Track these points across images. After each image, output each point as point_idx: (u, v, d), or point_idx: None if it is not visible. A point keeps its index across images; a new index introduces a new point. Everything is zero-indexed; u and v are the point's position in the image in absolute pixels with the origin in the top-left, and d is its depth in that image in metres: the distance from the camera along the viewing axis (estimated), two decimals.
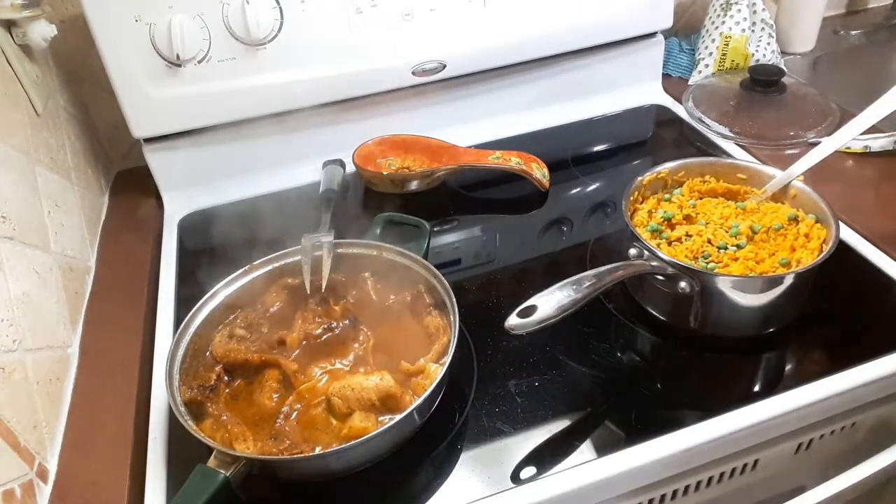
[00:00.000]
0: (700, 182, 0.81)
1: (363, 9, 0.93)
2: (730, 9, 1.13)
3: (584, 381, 0.69)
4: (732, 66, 1.15)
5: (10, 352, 0.60)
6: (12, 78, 0.79)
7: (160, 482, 0.63)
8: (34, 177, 0.76)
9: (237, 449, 0.59)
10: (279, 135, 1.00)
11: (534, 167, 0.96)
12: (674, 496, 0.66)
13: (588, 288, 0.61)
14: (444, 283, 0.69)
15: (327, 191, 0.94)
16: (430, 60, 0.99)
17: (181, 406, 0.61)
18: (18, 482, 0.56)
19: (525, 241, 0.89)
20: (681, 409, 0.66)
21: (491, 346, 0.72)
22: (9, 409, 0.57)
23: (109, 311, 0.81)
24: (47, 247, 0.74)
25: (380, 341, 0.70)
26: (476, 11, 0.99)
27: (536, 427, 0.64)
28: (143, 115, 0.92)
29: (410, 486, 0.61)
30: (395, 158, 1.01)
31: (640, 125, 1.12)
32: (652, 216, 0.77)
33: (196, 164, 0.99)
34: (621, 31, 1.09)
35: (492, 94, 1.08)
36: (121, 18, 0.85)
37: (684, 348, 0.72)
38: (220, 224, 0.95)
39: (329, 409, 0.63)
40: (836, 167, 0.93)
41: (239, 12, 0.88)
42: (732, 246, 0.72)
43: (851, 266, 0.78)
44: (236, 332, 0.70)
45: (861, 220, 0.83)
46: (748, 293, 0.67)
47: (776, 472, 0.71)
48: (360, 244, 0.76)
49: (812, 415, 0.66)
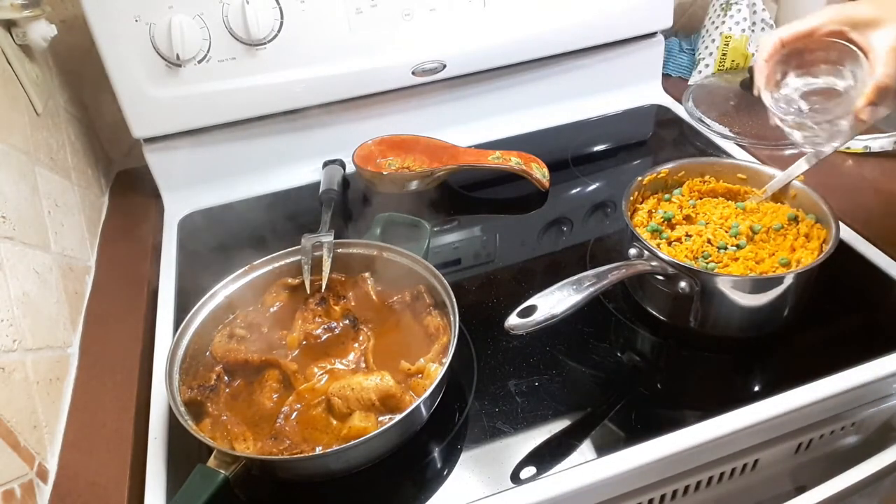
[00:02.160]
0: (700, 182, 0.81)
1: (363, 9, 0.93)
2: (730, 9, 1.13)
3: (584, 381, 0.69)
4: (732, 66, 1.15)
5: (10, 352, 0.60)
6: (12, 78, 0.79)
7: (160, 482, 0.62)
8: (34, 177, 0.76)
9: (237, 449, 0.59)
10: (279, 135, 1.00)
11: (534, 167, 0.96)
12: (674, 496, 0.66)
13: (588, 288, 0.62)
14: (444, 283, 0.69)
15: (327, 191, 0.94)
16: (430, 60, 0.99)
17: (181, 406, 0.61)
18: (18, 482, 0.56)
19: (525, 241, 0.89)
20: (681, 409, 0.66)
21: (491, 346, 0.72)
22: (9, 409, 0.57)
23: (109, 311, 0.81)
24: (47, 247, 0.74)
25: (380, 341, 0.70)
26: (476, 11, 0.99)
27: (536, 427, 0.64)
28: (143, 115, 0.92)
29: (410, 486, 0.61)
30: (395, 158, 1.01)
31: (640, 125, 1.12)
32: (652, 216, 0.77)
33: (196, 164, 0.99)
34: (621, 31, 1.09)
35: (492, 94, 1.08)
36: (121, 18, 0.85)
37: (684, 348, 0.72)
38: (220, 224, 0.95)
39: (329, 409, 0.63)
40: (836, 167, 0.93)
41: (239, 12, 0.88)
42: (732, 246, 0.72)
43: (851, 266, 0.78)
44: (236, 332, 0.70)
45: (861, 220, 0.83)
46: (748, 293, 0.67)
47: (776, 472, 0.71)
48: (360, 244, 0.76)
49: (812, 415, 0.66)
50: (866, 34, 0.60)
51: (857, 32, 0.60)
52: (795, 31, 0.63)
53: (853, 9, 0.60)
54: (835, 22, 0.61)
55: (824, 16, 0.62)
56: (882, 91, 0.59)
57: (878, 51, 0.59)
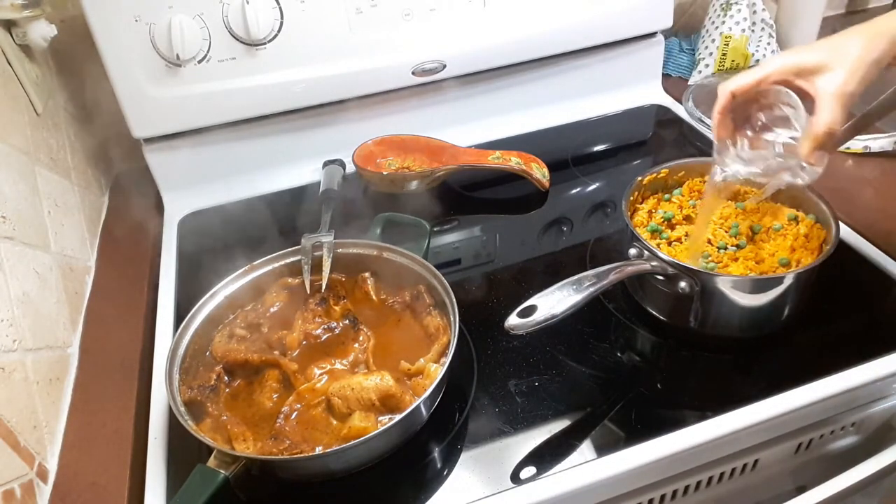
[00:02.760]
0: (700, 182, 0.81)
1: (363, 9, 0.93)
2: (730, 9, 1.13)
3: (584, 381, 0.69)
4: (732, 66, 1.16)
5: (10, 352, 0.60)
6: (12, 78, 0.79)
7: (160, 482, 0.63)
8: (34, 177, 0.76)
9: (237, 449, 0.59)
10: (279, 135, 1.00)
11: (534, 167, 0.96)
12: (674, 496, 0.66)
13: (588, 288, 0.62)
14: (444, 283, 0.69)
15: (327, 191, 0.94)
16: (430, 60, 0.99)
17: (181, 406, 0.61)
18: (18, 482, 0.56)
19: (525, 241, 0.89)
20: (681, 409, 0.66)
21: (491, 346, 0.72)
22: (9, 409, 0.57)
23: (109, 311, 0.81)
24: (47, 247, 0.74)
25: (380, 341, 0.70)
26: (476, 11, 0.99)
27: (536, 427, 0.64)
28: (143, 115, 0.92)
29: (410, 486, 0.61)
30: (395, 158, 1.01)
31: (640, 125, 1.12)
32: (652, 216, 0.77)
33: (196, 164, 0.99)
34: (621, 31, 1.09)
35: (492, 94, 1.08)
36: (121, 18, 0.85)
37: (684, 348, 0.72)
38: (220, 224, 0.95)
39: (329, 409, 0.63)
40: (836, 167, 0.93)
41: (239, 12, 0.88)
42: (732, 246, 0.72)
43: (851, 266, 0.78)
44: (236, 332, 0.70)
45: (861, 220, 0.83)
46: (748, 293, 0.67)
47: (776, 472, 0.71)
48: (360, 244, 0.76)
49: (812, 415, 0.66)
50: (812, 80, 0.60)
51: (803, 79, 0.60)
52: (744, 83, 0.63)
53: (799, 56, 0.61)
54: (781, 72, 0.61)
55: (772, 65, 0.62)
56: (826, 137, 0.59)
57: (822, 97, 0.59)
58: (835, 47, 0.60)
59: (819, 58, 0.60)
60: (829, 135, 0.59)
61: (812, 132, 0.60)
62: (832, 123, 0.58)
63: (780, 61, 0.62)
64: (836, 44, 0.60)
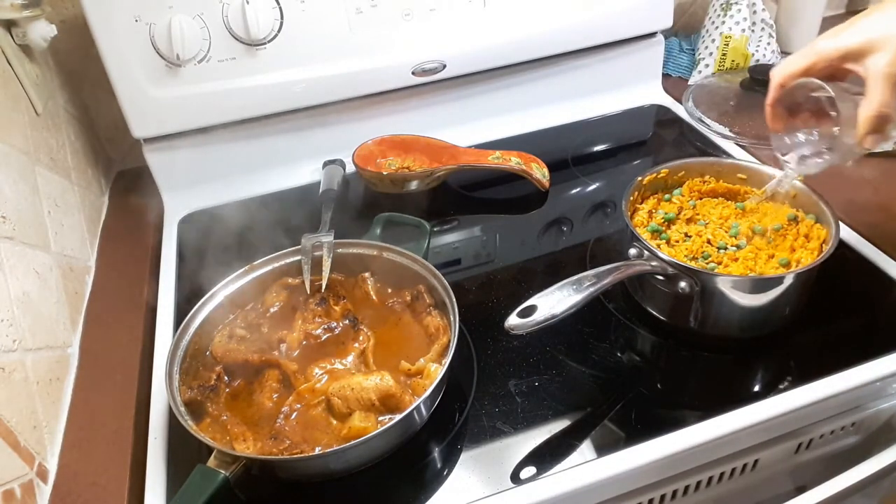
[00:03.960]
0: (700, 182, 0.81)
1: (363, 9, 0.93)
2: (730, 9, 1.13)
3: (584, 381, 0.69)
4: (732, 66, 1.15)
5: (10, 352, 0.60)
6: (12, 78, 0.79)
7: (160, 482, 0.62)
8: (34, 177, 0.76)
9: (237, 449, 0.59)
10: (279, 135, 1.00)
11: (534, 167, 0.96)
12: (674, 496, 0.66)
13: (588, 288, 0.62)
14: (444, 283, 0.69)
15: (327, 191, 0.94)
16: (430, 60, 0.99)
17: (181, 406, 0.61)
18: (18, 482, 0.56)
19: (525, 241, 0.89)
20: (681, 409, 0.66)
21: (491, 346, 0.72)
22: (9, 409, 0.57)
23: (109, 311, 0.81)
24: (47, 247, 0.74)
25: (380, 341, 0.70)
26: (476, 11, 0.99)
27: (536, 427, 0.64)
28: (143, 115, 0.92)
29: (410, 486, 0.61)
30: (395, 158, 1.01)
31: (640, 125, 1.12)
32: (652, 216, 0.77)
33: (196, 164, 0.99)
34: (621, 31, 1.09)
35: (492, 94, 1.08)
36: (121, 18, 0.85)
37: (684, 348, 0.72)
38: (220, 224, 0.95)
39: (329, 409, 0.63)
40: (836, 167, 0.93)
41: (239, 12, 0.88)
42: (732, 246, 0.72)
43: (851, 266, 0.79)
44: (236, 332, 0.70)
45: (861, 220, 0.83)
46: (748, 293, 0.67)
47: (776, 472, 0.71)
48: (360, 244, 0.76)
49: (812, 415, 0.66)
50: (862, 63, 0.59)
51: (851, 62, 0.60)
52: (792, 70, 0.62)
53: (841, 39, 0.60)
54: (827, 59, 0.60)
55: (816, 52, 0.61)
56: (880, 119, 0.58)
57: (873, 77, 0.58)
58: (877, 26, 0.58)
59: (863, 38, 0.58)
60: (881, 117, 0.58)
61: (865, 114, 0.58)
62: (883, 105, 0.57)
63: (821, 47, 0.61)
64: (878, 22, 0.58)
